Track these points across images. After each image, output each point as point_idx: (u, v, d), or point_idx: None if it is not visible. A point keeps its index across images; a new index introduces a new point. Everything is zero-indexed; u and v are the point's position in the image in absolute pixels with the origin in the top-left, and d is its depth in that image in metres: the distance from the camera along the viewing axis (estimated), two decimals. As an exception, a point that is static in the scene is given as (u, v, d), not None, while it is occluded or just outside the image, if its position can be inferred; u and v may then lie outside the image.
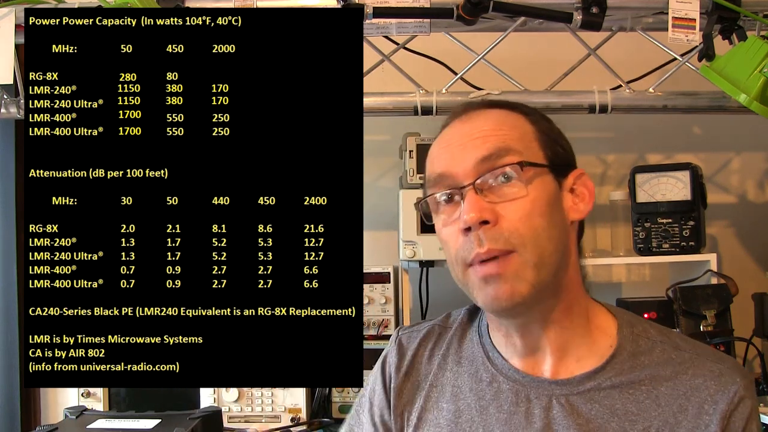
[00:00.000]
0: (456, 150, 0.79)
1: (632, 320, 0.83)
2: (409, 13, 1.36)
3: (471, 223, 0.75)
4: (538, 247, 0.76)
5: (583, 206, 0.82)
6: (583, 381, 0.79)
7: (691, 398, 0.76)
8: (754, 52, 1.29)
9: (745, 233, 1.92)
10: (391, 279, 1.64)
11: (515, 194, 0.76)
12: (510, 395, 0.81)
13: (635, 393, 0.77)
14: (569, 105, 1.51)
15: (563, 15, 1.36)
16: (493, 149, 0.77)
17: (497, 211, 0.76)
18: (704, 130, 1.94)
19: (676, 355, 0.79)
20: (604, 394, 0.78)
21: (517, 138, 0.79)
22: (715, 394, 0.76)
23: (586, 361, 0.80)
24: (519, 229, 0.75)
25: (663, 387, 0.77)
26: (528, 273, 0.75)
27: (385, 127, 1.85)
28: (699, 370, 0.78)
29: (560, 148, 0.83)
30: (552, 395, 0.79)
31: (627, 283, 1.95)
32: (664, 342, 0.81)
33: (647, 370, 0.78)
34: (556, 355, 0.81)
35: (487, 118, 0.82)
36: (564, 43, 1.49)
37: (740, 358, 1.63)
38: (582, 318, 0.82)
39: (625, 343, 0.80)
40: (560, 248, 0.79)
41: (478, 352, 0.86)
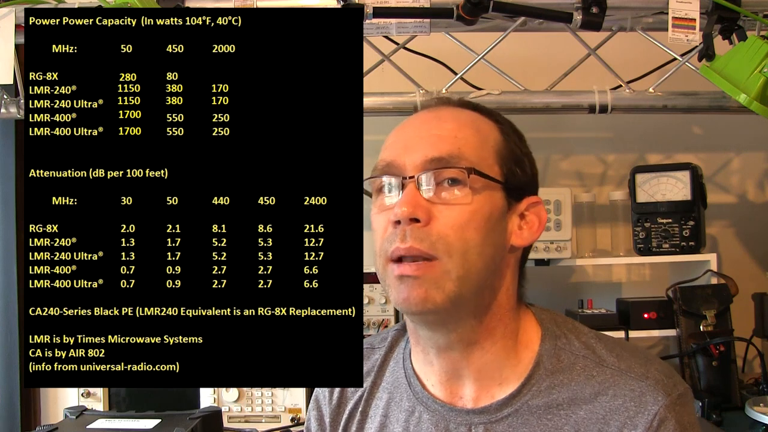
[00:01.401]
0: (411, 141, 0.77)
1: (557, 331, 0.79)
2: (409, 13, 1.36)
3: (401, 217, 0.72)
4: (465, 260, 0.72)
5: (528, 234, 0.78)
6: (501, 407, 0.76)
7: (611, 422, 0.72)
8: (754, 52, 1.29)
9: (745, 233, 1.92)
10: (391, 279, 1.64)
11: (456, 200, 0.73)
12: (430, 426, 0.78)
13: (553, 419, 0.74)
14: (569, 105, 1.51)
15: (563, 15, 1.36)
16: (446, 153, 0.74)
17: (432, 212, 0.73)
18: (704, 130, 1.94)
19: (597, 372, 0.75)
20: (522, 420, 0.75)
21: (476, 145, 0.76)
22: (634, 417, 0.71)
23: (509, 383, 0.77)
24: (448, 237, 0.72)
25: (582, 411, 0.73)
26: (447, 284, 0.72)
27: (385, 127, 1.85)
28: (619, 389, 0.73)
29: (520, 170, 0.79)
30: (471, 424, 0.76)
31: (627, 283, 1.95)
32: (587, 356, 0.76)
33: (566, 392, 0.74)
34: (477, 379, 0.77)
35: (454, 117, 0.79)
36: (564, 43, 1.49)
37: (740, 358, 1.63)
38: (508, 339, 0.78)
39: (545, 359, 0.77)
40: (491, 267, 0.75)
41: (401, 377, 0.84)
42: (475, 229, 0.73)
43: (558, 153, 1.93)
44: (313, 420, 0.89)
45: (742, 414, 1.42)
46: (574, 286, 1.91)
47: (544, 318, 0.81)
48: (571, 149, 1.93)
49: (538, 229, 0.79)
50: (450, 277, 0.72)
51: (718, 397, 1.49)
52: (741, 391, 1.56)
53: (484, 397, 0.77)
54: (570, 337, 0.78)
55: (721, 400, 1.49)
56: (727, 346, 1.53)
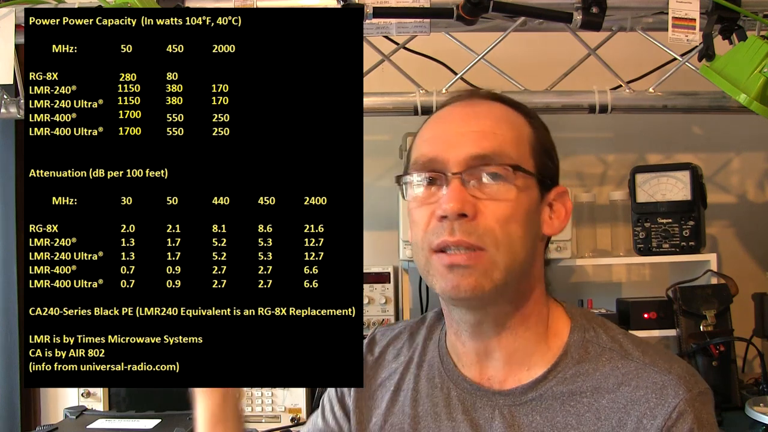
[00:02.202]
0: (452, 137, 0.78)
1: (586, 324, 0.82)
2: (409, 13, 1.36)
3: (449, 212, 0.74)
4: (511, 251, 0.75)
5: (558, 223, 0.81)
6: (527, 391, 0.78)
7: (631, 412, 0.74)
8: (754, 52, 1.29)
9: (745, 233, 1.92)
10: (391, 279, 1.64)
11: (501, 195, 0.76)
12: (458, 403, 0.81)
13: (576, 405, 0.76)
14: (569, 105, 1.51)
15: (563, 15, 1.36)
16: (490, 150, 0.76)
17: (478, 207, 0.75)
18: (704, 130, 1.94)
19: (622, 365, 0.77)
20: (545, 405, 0.77)
21: (514, 141, 0.79)
22: (654, 408, 0.73)
23: (536, 369, 0.79)
24: (494, 230, 0.75)
25: (604, 399, 0.76)
26: (496, 273, 0.75)
27: (385, 127, 1.85)
28: (642, 381, 0.75)
29: (550, 161, 0.83)
30: (496, 406, 0.79)
31: (627, 283, 1.95)
32: (613, 349, 0.79)
33: (590, 381, 0.77)
34: (506, 363, 0.80)
35: (490, 111, 0.81)
36: (564, 43, 1.49)
37: (740, 358, 1.63)
38: (540, 326, 0.81)
39: (572, 349, 0.79)
40: (531, 257, 0.78)
41: (436, 356, 0.86)
42: (518, 222, 0.76)
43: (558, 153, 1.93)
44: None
45: (742, 414, 1.42)
46: (574, 286, 1.91)
47: (575, 312, 0.84)
48: (571, 149, 1.93)
49: (565, 218, 0.82)
50: (498, 267, 0.75)
51: (718, 397, 1.47)
52: (741, 391, 1.56)
53: (511, 381, 0.80)
54: (598, 331, 0.81)
55: (721, 400, 1.49)
56: (727, 346, 1.53)
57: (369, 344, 0.91)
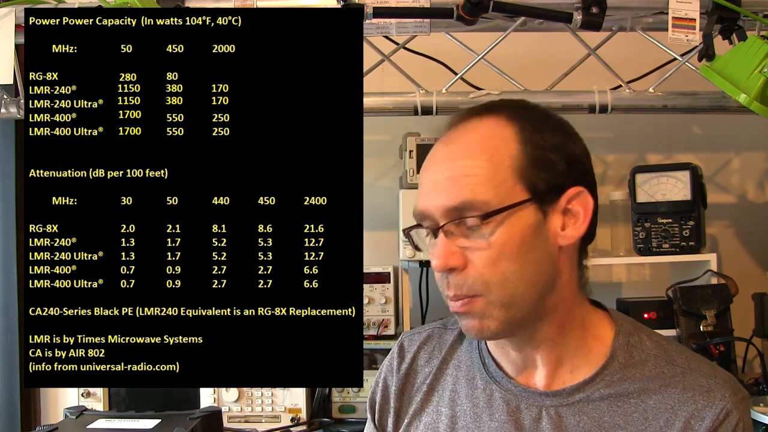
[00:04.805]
0: (430, 186, 0.77)
1: (631, 330, 0.82)
2: (409, 13, 1.36)
3: (437, 269, 0.76)
4: (506, 289, 0.75)
5: (572, 231, 0.77)
6: (573, 392, 0.79)
7: (679, 412, 0.75)
8: (754, 52, 1.29)
9: (745, 233, 1.92)
10: (391, 279, 1.64)
11: (479, 245, 0.74)
12: (502, 404, 0.81)
13: (623, 406, 0.77)
14: (569, 105, 1.50)
15: (563, 15, 1.36)
16: (459, 201, 0.74)
17: (466, 257, 0.75)
18: (704, 130, 1.94)
19: (668, 370, 0.78)
20: (593, 406, 0.78)
21: (490, 175, 0.74)
22: (702, 410, 0.75)
23: (580, 371, 0.80)
24: (484, 275, 0.74)
25: (651, 400, 0.77)
26: (495, 312, 0.75)
27: (385, 127, 1.85)
28: (689, 384, 0.77)
29: (547, 173, 0.76)
30: (542, 406, 0.79)
31: (627, 283, 1.95)
32: (658, 356, 0.80)
33: (637, 383, 0.78)
34: (550, 367, 0.81)
35: (468, 144, 0.77)
36: (564, 43, 1.49)
37: (740, 358, 1.63)
38: (577, 330, 0.81)
39: (618, 354, 0.80)
40: (538, 282, 0.76)
41: (476, 356, 0.86)
42: (509, 259, 0.74)
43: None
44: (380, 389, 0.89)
45: (742, 414, 1.42)
46: (574, 286, 1.90)
47: (619, 317, 0.84)
48: (571, 149, 1.93)
49: (584, 220, 0.78)
50: (495, 306, 0.75)
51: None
52: (741, 391, 1.56)
53: (555, 383, 0.81)
54: (642, 337, 0.82)
55: (721, 400, 1.48)
56: (727, 346, 1.53)
57: (399, 352, 0.90)
